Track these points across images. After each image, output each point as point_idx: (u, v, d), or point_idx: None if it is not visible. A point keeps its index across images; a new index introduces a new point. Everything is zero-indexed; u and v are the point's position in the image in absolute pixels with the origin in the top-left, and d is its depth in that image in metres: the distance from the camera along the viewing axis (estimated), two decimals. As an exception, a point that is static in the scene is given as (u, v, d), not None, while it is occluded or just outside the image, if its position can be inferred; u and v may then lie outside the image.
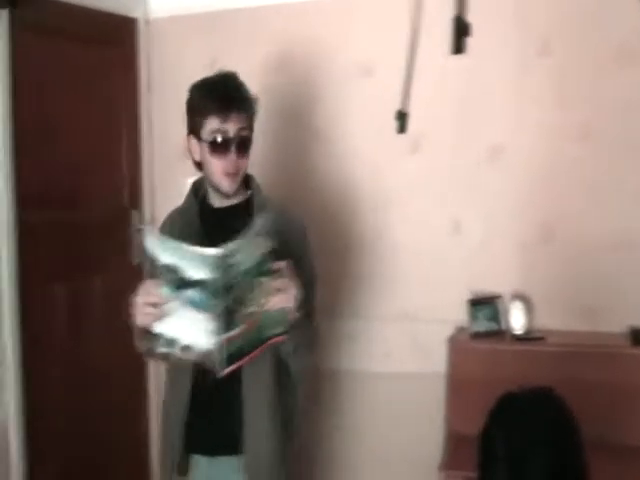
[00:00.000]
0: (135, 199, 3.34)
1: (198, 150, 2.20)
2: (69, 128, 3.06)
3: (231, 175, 2.17)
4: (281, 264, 1.93)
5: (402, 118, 2.59)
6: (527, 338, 2.85)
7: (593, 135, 2.88)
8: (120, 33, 3.36)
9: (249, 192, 2.26)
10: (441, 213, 3.08)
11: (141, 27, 3.43)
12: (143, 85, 3.45)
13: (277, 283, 1.92)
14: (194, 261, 1.82)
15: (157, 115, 3.48)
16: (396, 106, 2.94)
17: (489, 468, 1.86)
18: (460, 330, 2.98)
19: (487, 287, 2.98)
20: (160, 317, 1.92)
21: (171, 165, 3.41)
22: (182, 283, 1.85)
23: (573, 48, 2.89)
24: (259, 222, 1.90)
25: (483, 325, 2.90)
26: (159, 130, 3.48)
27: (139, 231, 2.00)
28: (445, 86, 3.04)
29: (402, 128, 2.73)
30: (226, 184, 2.18)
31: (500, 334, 2.90)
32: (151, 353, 2.05)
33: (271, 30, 3.26)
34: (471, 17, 2.56)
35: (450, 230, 3.07)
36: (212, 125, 2.15)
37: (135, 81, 3.43)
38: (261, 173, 2.38)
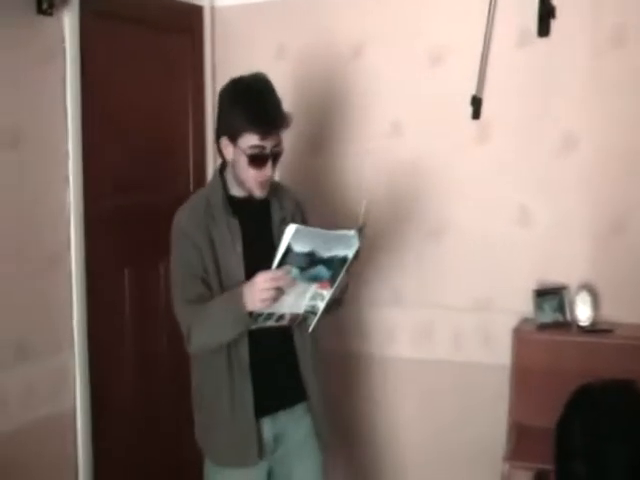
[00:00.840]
0: (201, 184, 3.36)
1: (231, 152, 2.34)
2: (137, 115, 3.09)
3: (264, 183, 2.34)
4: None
5: (477, 104, 2.60)
6: (593, 330, 2.82)
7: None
8: (187, 21, 3.38)
9: None
10: (510, 201, 3.05)
11: (207, 15, 3.45)
12: (208, 73, 3.47)
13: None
14: (332, 242, 2.14)
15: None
16: (469, 92, 2.95)
17: (566, 461, 1.86)
18: (525, 321, 2.96)
19: (554, 278, 2.96)
20: (278, 298, 2.17)
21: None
22: (309, 264, 2.15)
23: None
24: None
25: (549, 316, 2.88)
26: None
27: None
28: (518, 73, 3.00)
29: (477, 114, 2.73)
30: (259, 192, 2.35)
31: (566, 325, 2.87)
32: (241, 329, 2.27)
33: (340, 19, 3.26)
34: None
35: (518, 219, 3.05)
36: (251, 141, 2.28)
37: (201, 68, 3.45)
38: (331, 159, 2.43)
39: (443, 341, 3.17)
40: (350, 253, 2.20)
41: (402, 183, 3.19)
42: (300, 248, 2.12)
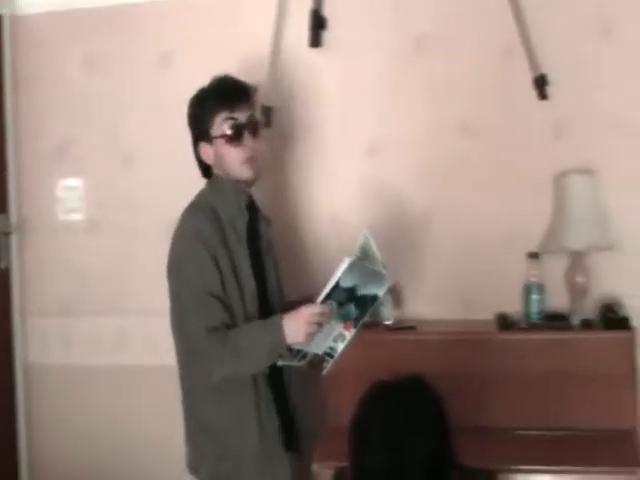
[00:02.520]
0: (1, 203, 3.25)
1: (211, 152, 2.29)
2: None
3: (250, 160, 2.26)
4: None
5: (268, 113, 2.65)
6: (398, 328, 2.95)
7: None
8: (-16, 30, 3.23)
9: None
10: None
11: (7, 24, 3.34)
12: (8, 82, 3.36)
13: None
14: (371, 279, 2.05)
15: (27, 115, 3.40)
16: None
17: (363, 456, 1.91)
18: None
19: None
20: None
21: (43, 166, 3.37)
22: (346, 301, 2.06)
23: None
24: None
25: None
26: (30, 130, 3.40)
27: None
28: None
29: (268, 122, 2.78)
30: (247, 171, 2.28)
31: (372, 325, 2.93)
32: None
33: (148, 28, 3.26)
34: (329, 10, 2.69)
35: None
36: (222, 117, 2.26)
37: (1, 78, 3.33)
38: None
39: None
40: (381, 292, 2.13)
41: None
42: (346, 283, 2.03)
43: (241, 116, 2.28)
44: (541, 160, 3.00)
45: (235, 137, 2.27)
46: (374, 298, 2.12)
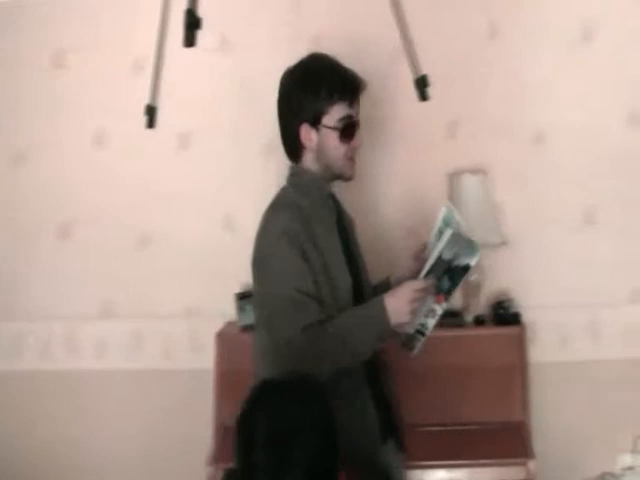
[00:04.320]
0: None
1: (315, 138, 2.15)
2: None
3: (352, 158, 2.18)
4: None
5: (151, 112, 2.61)
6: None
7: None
8: None
9: None
10: (216, 207, 3.14)
11: None
12: None
13: None
14: (466, 248, 1.94)
15: None
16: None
17: (249, 455, 1.90)
18: (229, 324, 3.04)
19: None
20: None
21: None
22: (443, 273, 1.96)
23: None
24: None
25: (251, 318, 2.96)
26: None
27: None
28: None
29: (151, 123, 2.73)
30: (350, 169, 2.19)
31: None
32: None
33: (40, 28, 3.17)
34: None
35: (224, 225, 3.14)
36: (341, 111, 2.14)
37: None
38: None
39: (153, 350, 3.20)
40: (473, 261, 1.99)
41: (107, 194, 3.18)
42: (447, 255, 1.94)
43: (355, 112, 2.18)
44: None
45: (349, 133, 2.16)
46: (466, 268, 2.01)
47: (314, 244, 2.09)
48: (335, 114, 2.14)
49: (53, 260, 3.26)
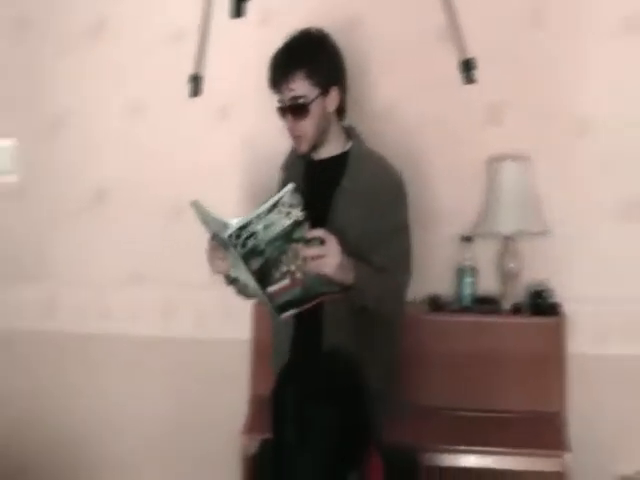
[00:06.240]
0: None
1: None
2: None
3: (296, 137, 2.40)
4: (316, 232, 2.04)
5: (196, 81, 2.60)
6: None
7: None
8: None
9: (350, 143, 2.41)
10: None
11: None
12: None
13: (311, 250, 2.02)
14: (223, 230, 1.98)
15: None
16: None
17: (280, 429, 1.94)
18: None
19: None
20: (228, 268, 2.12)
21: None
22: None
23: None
24: (285, 192, 1.99)
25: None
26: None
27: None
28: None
29: (195, 91, 2.73)
30: (297, 145, 2.39)
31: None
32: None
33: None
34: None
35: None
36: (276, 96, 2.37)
37: None
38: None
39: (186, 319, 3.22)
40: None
41: (143, 162, 3.22)
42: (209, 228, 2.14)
43: (286, 97, 2.38)
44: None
45: (280, 115, 2.40)
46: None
47: None
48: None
49: (87, 226, 3.30)
